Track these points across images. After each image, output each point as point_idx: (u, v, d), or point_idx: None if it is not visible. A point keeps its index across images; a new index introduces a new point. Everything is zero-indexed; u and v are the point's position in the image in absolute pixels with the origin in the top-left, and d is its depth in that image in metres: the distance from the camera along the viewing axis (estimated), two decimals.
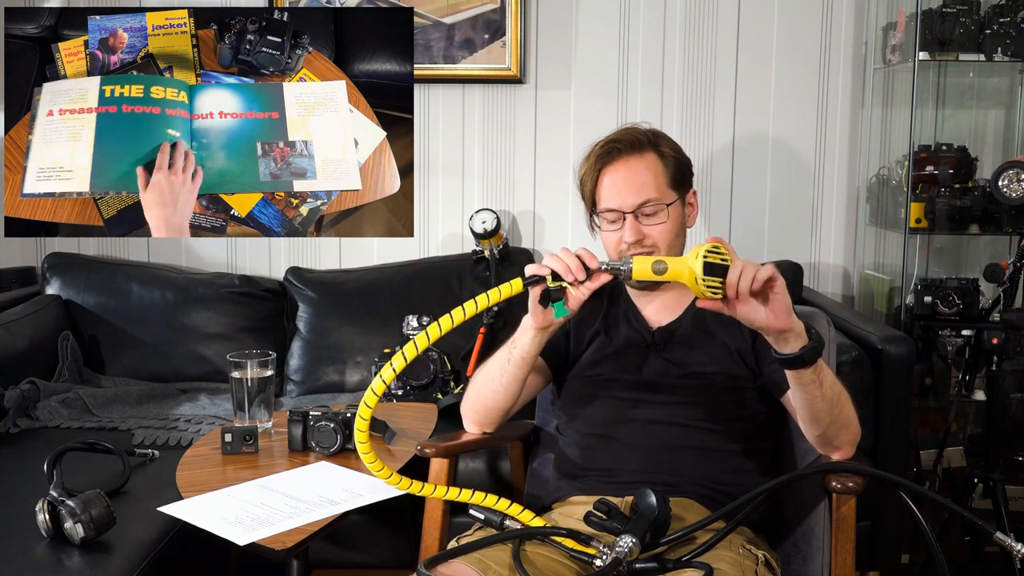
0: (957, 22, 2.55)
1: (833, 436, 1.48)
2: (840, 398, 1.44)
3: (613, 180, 1.61)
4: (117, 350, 2.74)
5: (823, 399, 1.41)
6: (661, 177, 1.62)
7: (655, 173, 1.61)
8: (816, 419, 1.45)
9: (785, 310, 1.31)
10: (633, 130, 1.65)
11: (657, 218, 1.60)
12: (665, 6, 2.89)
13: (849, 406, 1.47)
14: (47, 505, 1.60)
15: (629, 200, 1.59)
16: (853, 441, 1.50)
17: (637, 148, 1.62)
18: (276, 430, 1.97)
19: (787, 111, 2.92)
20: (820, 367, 1.37)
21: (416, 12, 2.84)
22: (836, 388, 1.43)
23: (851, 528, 1.48)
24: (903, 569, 2.41)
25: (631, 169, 1.61)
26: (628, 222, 1.59)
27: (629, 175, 1.60)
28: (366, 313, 2.75)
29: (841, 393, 1.44)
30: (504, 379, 1.60)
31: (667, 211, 1.61)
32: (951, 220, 2.54)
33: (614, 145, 1.62)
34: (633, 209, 1.59)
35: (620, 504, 1.40)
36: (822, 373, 1.38)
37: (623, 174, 1.61)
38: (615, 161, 1.62)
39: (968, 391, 2.43)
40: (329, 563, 2.30)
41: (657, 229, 1.60)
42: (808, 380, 1.38)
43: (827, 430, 1.46)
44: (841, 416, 1.45)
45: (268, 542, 1.46)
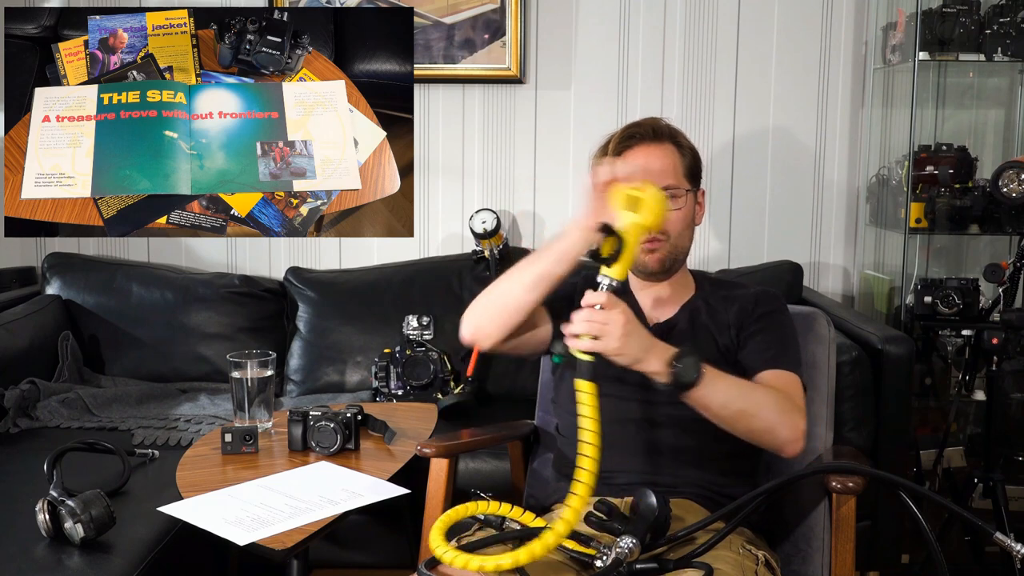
0: (957, 22, 2.55)
1: (758, 441, 1.49)
2: (746, 411, 1.45)
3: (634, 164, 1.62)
4: (117, 350, 2.74)
5: (718, 418, 1.44)
6: (679, 167, 1.63)
7: (673, 162, 1.63)
8: (728, 430, 1.47)
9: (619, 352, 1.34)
10: (655, 120, 1.67)
11: (673, 204, 1.60)
12: (665, 6, 2.89)
13: (764, 414, 1.46)
14: (47, 505, 1.60)
15: None
16: (787, 440, 1.48)
17: (658, 137, 1.63)
18: (276, 430, 1.97)
19: (787, 111, 2.92)
20: (699, 396, 1.40)
21: (416, 12, 2.84)
22: (733, 406, 1.44)
23: (851, 528, 1.48)
24: (903, 569, 2.41)
25: (651, 155, 1.62)
26: None
27: (649, 160, 1.61)
28: (366, 313, 2.74)
29: (747, 407, 1.45)
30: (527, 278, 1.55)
31: (685, 199, 1.62)
32: (951, 220, 2.54)
33: (636, 130, 1.64)
34: None
35: (620, 505, 1.40)
36: (705, 400, 1.41)
37: (643, 159, 1.61)
38: (636, 147, 1.63)
39: (968, 391, 2.43)
40: (329, 563, 2.30)
41: (673, 215, 1.60)
42: (692, 403, 1.42)
43: (747, 438, 1.48)
44: (752, 426, 1.46)
45: (268, 542, 1.46)
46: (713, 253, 2.93)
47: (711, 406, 1.42)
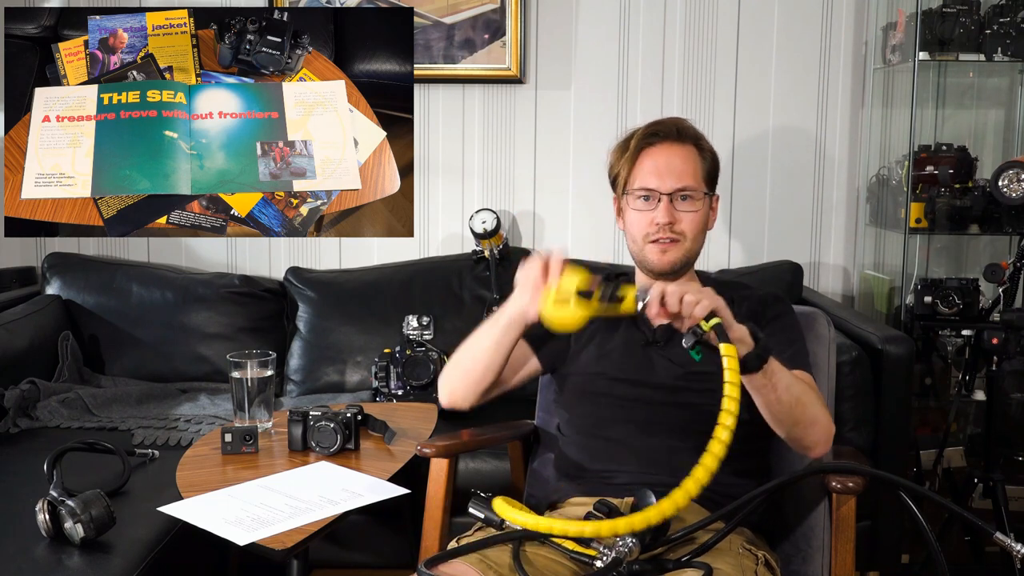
0: (957, 22, 2.55)
1: (800, 436, 1.48)
2: (801, 399, 1.44)
3: (655, 162, 1.62)
4: (117, 350, 2.74)
5: (779, 403, 1.41)
6: (699, 170, 1.63)
7: (694, 164, 1.63)
8: (778, 421, 1.45)
9: None
10: (679, 120, 1.67)
11: (691, 205, 1.60)
12: (665, 6, 2.89)
13: (813, 407, 1.47)
14: (47, 505, 1.60)
15: (668, 183, 1.59)
16: (824, 439, 1.49)
17: (680, 138, 1.64)
18: (276, 430, 1.97)
19: (787, 111, 2.92)
20: (772, 371, 1.38)
21: (416, 12, 2.84)
22: (794, 391, 1.43)
23: (851, 528, 1.48)
24: (903, 569, 2.41)
25: (674, 154, 1.62)
26: (663, 204, 1.59)
27: (671, 159, 1.61)
28: (366, 313, 2.75)
29: (802, 395, 1.44)
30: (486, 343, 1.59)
31: (702, 202, 1.62)
32: (951, 220, 2.54)
33: (659, 128, 1.64)
34: (671, 192, 1.59)
35: (620, 505, 1.40)
36: (774, 377, 1.39)
37: (665, 157, 1.61)
38: (657, 145, 1.63)
39: (968, 391, 2.43)
40: (329, 563, 2.30)
41: (689, 216, 1.60)
42: (759, 384, 1.39)
43: (791, 431, 1.47)
44: (803, 417, 1.46)
45: (268, 542, 1.46)
46: (713, 253, 2.93)
47: (778, 386, 1.40)
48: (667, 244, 1.60)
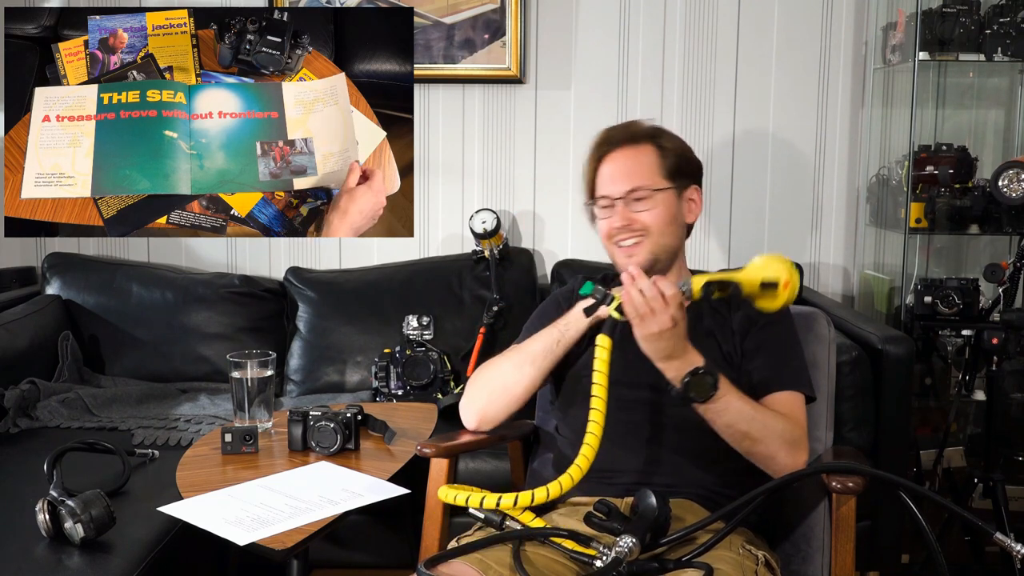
0: (957, 22, 2.54)
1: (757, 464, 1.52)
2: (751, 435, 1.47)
3: (609, 169, 1.67)
4: (117, 350, 2.74)
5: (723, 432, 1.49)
6: (654, 167, 1.66)
7: (648, 163, 1.66)
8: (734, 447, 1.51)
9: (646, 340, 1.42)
10: (633, 124, 1.72)
11: (647, 204, 1.63)
12: (665, 6, 2.89)
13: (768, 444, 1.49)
14: (47, 505, 1.60)
15: (619, 187, 1.64)
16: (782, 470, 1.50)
17: (633, 140, 1.68)
18: (276, 430, 1.97)
19: (787, 111, 2.92)
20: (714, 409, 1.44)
21: (416, 12, 2.84)
22: (741, 427, 1.47)
23: (851, 528, 1.48)
24: (903, 569, 2.41)
25: (627, 157, 1.66)
26: (617, 207, 1.64)
27: (625, 163, 1.66)
28: (366, 313, 2.75)
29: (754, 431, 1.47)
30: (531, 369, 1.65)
31: (657, 197, 1.64)
32: (951, 220, 2.54)
33: (611, 135, 1.69)
34: (622, 195, 1.63)
35: (620, 505, 1.40)
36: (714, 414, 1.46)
37: (618, 163, 1.66)
38: (612, 151, 1.67)
39: (968, 391, 2.43)
40: (329, 563, 2.30)
41: (647, 215, 1.64)
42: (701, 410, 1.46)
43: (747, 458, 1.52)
44: (753, 451, 1.50)
45: (268, 542, 1.46)
46: (713, 253, 2.93)
47: (715, 422, 1.47)
48: (631, 246, 1.64)
